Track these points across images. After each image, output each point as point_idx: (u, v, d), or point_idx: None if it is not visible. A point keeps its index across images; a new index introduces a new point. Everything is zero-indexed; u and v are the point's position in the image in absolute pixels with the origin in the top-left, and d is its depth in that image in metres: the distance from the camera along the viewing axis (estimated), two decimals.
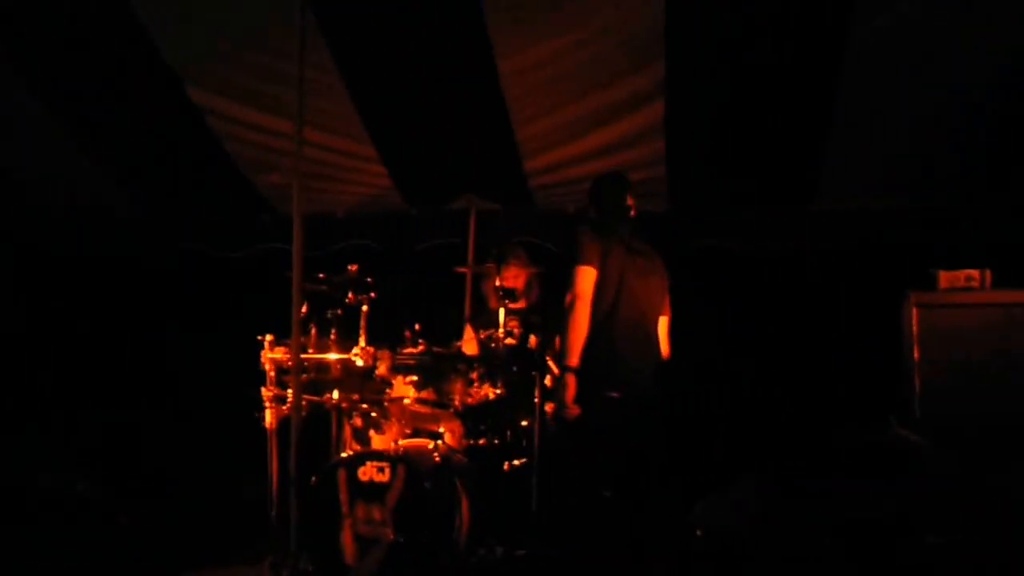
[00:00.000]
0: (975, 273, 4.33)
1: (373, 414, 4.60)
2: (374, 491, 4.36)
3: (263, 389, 4.59)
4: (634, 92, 4.73)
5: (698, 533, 4.47)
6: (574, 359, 4.27)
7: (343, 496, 4.38)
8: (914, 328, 4.27)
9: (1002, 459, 3.97)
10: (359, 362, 4.52)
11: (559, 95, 4.83)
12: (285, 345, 4.50)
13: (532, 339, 4.75)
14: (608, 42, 4.44)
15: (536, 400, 4.30)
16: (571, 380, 4.28)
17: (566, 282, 4.33)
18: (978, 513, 3.85)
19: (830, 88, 4.57)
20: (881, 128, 4.81)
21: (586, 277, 4.30)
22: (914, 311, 4.28)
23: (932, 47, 4.33)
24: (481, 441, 4.63)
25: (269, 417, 4.61)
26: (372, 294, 4.64)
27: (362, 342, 4.56)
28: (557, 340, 4.56)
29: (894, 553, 4.10)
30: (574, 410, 4.29)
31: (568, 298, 4.32)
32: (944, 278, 4.34)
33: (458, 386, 4.59)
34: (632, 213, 4.56)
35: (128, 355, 6.47)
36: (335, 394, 4.58)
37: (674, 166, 5.22)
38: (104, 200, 6.06)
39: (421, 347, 4.63)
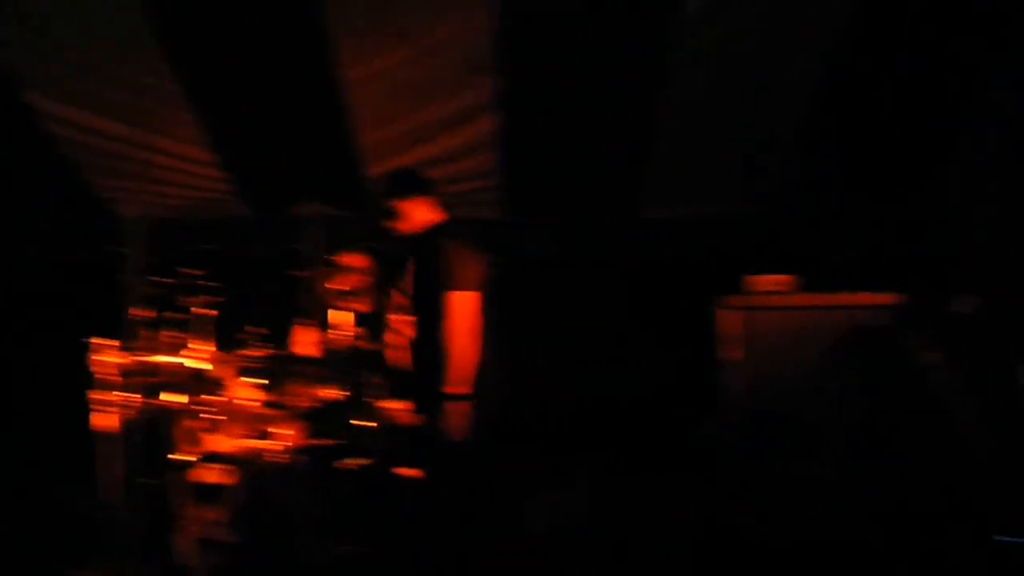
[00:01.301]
0: (783, 278, 4.60)
1: (210, 416, 4.60)
2: (211, 493, 4.37)
3: (94, 393, 4.55)
4: (470, 104, 4.91)
5: (530, 529, 4.65)
6: (471, 387, 4.11)
7: (179, 499, 4.38)
8: (726, 330, 4.52)
9: (807, 451, 4.26)
10: (197, 364, 4.53)
11: (399, 105, 4.96)
12: (119, 349, 4.47)
13: (367, 343, 4.84)
14: (445, 55, 4.61)
15: (375, 403, 4.39)
16: (470, 408, 4.11)
17: (447, 307, 4.10)
18: (787, 501, 4.09)
19: (654, 101, 4.86)
20: (701, 142, 5.15)
21: (477, 303, 4.09)
22: (727, 314, 4.52)
23: (749, 66, 4.68)
24: (321, 442, 4.69)
25: (101, 420, 4.56)
26: (211, 297, 4.66)
27: (200, 344, 4.58)
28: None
29: (716, 541, 4.36)
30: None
31: (464, 326, 4.07)
32: (755, 283, 4.61)
33: (297, 387, 4.63)
34: None
35: None
36: (172, 396, 4.58)
37: (508, 176, 5.43)
38: None
39: (260, 350, 4.67)
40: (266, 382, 4.65)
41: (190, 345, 4.54)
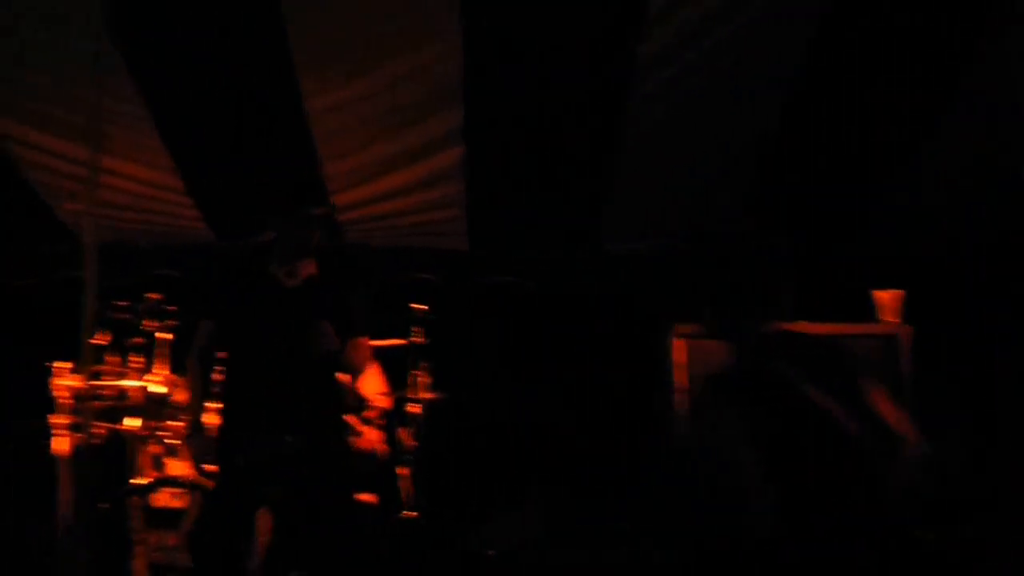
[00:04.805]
0: None
1: (169, 441, 4.61)
2: (169, 517, 4.37)
3: (53, 417, 4.54)
4: (435, 135, 4.97)
5: (490, 554, 4.69)
6: None
7: (136, 523, 4.37)
8: (678, 357, 4.66)
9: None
10: (156, 389, 4.54)
11: (365, 134, 5.01)
12: (79, 372, 4.46)
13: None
14: (410, 87, 4.65)
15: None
16: None
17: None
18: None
19: (615, 136, 4.96)
20: (660, 176, 5.27)
21: None
22: (677, 342, 4.68)
23: (706, 105, 4.78)
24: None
25: (60, 445, 4.55)
26: (172, 322, 4.67)
27: (160, 369, 4.59)
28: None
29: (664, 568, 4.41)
30: None
31: None
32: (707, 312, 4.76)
33: None
34: None
35: None
36: (131, 421, 4.58)
37: (473, 207, 5.51)
38: None
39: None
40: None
41: (152, 370, 4.55)
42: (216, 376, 4.58)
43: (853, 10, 4.26)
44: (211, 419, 4.54)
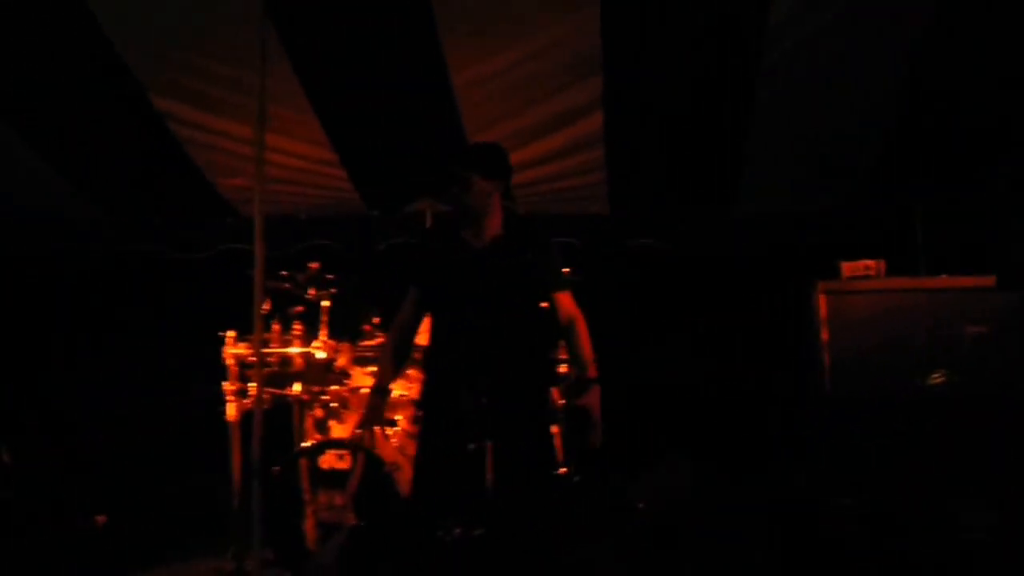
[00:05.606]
0: (872, 263, 4.76)
1: (333, 404, 4.83)
2: (335, 478, 4.59)
3: (225, 384, 4.82)
4: (576, 103, 5.05)
5: (640, 506, 4.79)
6: None
7: (305, 484, 4.61)
8: (822, 313, 4.67)
9: (898, 426, 4.35)
10: (320, 355, 4.77)
11: (508, 105, 5.12)
12: (247, 340, 4.72)
13: None
14: (551, 57, 4.74)
15: None
16: None
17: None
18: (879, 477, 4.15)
19: (749, 99, 4.97)
20: (794, 138, 5.25)
21: None
22: (821, 297, 4.69)
23: (836, 66, 4.74)
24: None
25: (231, 410, 4.83)
26: (332, 290, 4.88)
27: (323, 335, 4.81)
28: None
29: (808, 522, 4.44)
30: None
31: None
32: (846, 268, 4.78)
33: (415, 375, 4.77)
34: None
35: (88, 356, 6.58)
36: (297, 386, 4.83)
37: (613, 171, 5.58)
38: (62, 205, 6.17)
39: (380, 339, 4.85)
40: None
41: (320, 336, 4.77)
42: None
43: None
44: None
